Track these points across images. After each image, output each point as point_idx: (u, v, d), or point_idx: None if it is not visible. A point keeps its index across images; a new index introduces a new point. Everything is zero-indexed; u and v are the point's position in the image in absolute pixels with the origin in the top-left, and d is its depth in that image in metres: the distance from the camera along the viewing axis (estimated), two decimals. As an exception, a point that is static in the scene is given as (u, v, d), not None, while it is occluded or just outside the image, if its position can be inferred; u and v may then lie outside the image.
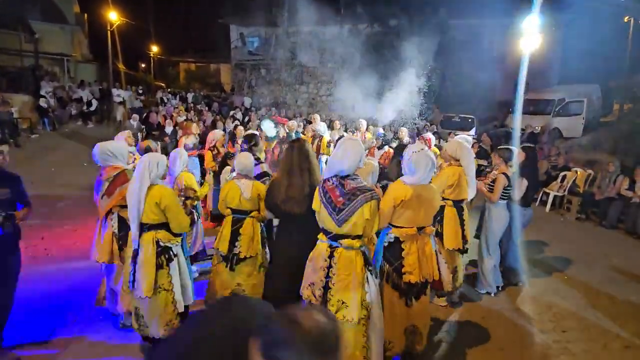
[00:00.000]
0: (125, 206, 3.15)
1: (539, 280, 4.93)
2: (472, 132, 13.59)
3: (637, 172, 7.41)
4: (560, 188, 8.62)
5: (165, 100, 20.69)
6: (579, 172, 8.69)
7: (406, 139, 6.89)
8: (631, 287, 4.88)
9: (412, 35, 14.76)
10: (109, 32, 19.80)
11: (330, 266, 2.69)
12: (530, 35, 5.70)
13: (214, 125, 10.64)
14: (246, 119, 13.52)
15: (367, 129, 7.81)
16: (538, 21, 5.64)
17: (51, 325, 3.63)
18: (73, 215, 6.70)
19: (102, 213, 3.52)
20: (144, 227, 3.02)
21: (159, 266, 3.01)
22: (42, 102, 14.97)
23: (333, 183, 2.70)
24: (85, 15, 28.97)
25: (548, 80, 15.50)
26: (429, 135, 6.62)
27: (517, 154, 4.48)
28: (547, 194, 8.69)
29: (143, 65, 34.93)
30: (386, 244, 3.00)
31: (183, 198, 3.62)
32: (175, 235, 3.13)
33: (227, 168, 4.53)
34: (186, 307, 3.23)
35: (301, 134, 7.78)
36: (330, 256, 2.70)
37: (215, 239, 3.75)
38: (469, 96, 14.81)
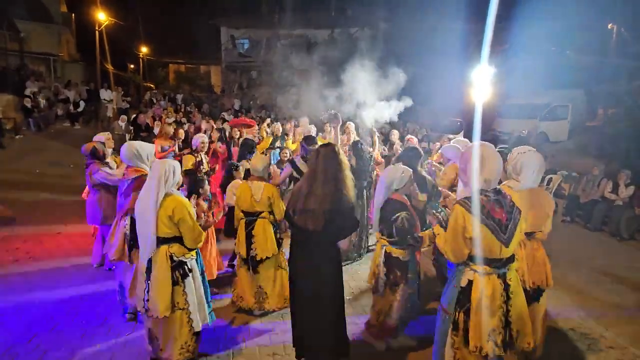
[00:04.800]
0: None
1: (526, 282, 4.98)
2: (460, 135, 13.74)
3: (620, 176, 7.58)
4: (547, 191, 8.74)
5: (154, 102, 20.49)
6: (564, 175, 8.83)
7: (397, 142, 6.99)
8: (615, 289, 4.96)
9: (401, 38, 14.90)
10: (97, 32, 19.57)
11: (507, 299, 2.27)
12: (481, 86, 5.30)
13: (203, 127, 10.57)
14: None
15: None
16: (490, 71, 5.29)
17: (33, 329, 3.53)
18: (57, 217, 6.57)
19: (120, 212, 3.51)
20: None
21: (174, 282, 2.76)
22: (27, 102, 14.70)
23: (487, 196, 2.26)
24: (73, 14, 28.64)
25: (534, 85, 15.77)
26: (410, 136, 7.09)
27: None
28: (534, 197, 8.80)
29: (132, 66, 34.53)
30: None
31: None
32: (189, 249, 2.87)
33: (236, 181, 4.41)
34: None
35: (285, 136, 7.74)
36: (506, 288, 2.27)
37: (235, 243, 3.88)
38: (457, 100, 15.00)
